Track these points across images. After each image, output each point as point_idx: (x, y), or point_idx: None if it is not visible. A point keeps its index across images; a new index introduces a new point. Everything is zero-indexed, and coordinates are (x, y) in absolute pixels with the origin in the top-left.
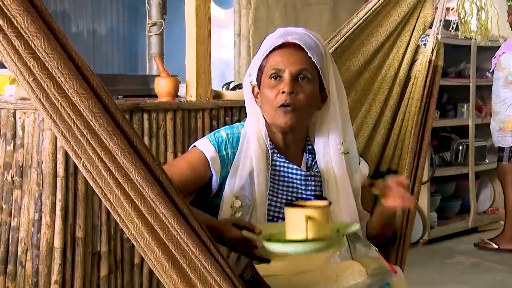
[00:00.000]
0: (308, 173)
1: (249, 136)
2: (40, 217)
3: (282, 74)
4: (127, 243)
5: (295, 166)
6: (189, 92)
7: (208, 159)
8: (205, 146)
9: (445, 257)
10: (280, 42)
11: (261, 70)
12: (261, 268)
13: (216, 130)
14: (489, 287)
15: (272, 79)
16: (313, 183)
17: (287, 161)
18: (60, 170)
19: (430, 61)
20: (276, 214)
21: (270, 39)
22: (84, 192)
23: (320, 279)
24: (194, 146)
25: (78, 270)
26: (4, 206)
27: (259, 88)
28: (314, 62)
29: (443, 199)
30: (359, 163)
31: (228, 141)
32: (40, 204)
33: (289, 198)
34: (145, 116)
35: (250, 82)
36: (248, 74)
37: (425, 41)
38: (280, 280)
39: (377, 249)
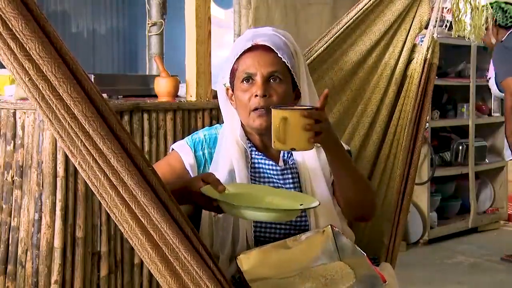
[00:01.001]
0: (284, 167)
1: (226, 137)
2: (40, 217)
3: (254, 77)
4: (127, 243)
5: (271, 162)
6: (189, 92)
7: (185, 161)
8: (182, 148)
9: (445, 257)
10: (249, 45)
11: (233, 73)
12: (249, 272)
13: (195, 132)
14: (489, 287)
15: (245, 82)
16: (290, 176)
17: (265, 158)
18: (60, 170)
19: (425, 59)
20: None
21: (239, 42)
22: (84, 192)
23: (308, 283)
24: (172, 148)
25: (78, 270)
26: (4, 206)
27: (232, 90)
28: (284, 62)
29: (443, 199)
30: None
31: (205, 142)
32: (40, 204)
33: None
34: (145, 116)
35: (224, 85)
36: (221, 76)
37: (422, 39)
38: (268, 284)
39: (364, 253)
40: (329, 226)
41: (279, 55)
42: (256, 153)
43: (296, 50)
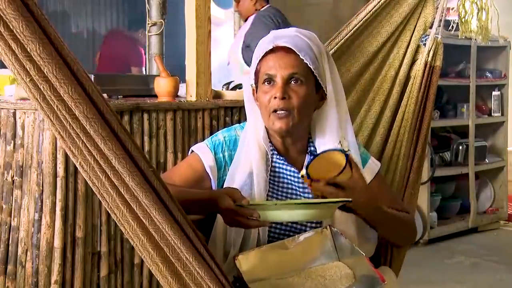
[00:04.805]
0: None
1: (249, 138)
2: (40, 217)
3: (275, 79)
4: (127, 243)
5: (293, 169)
6: (189, 92)
7: (205, 163)
8: (202, 150)
9: (445, 257)
10: (271, 47)
11: (256, 74)
12: (247, 273)
13: (214, 134)
14: (489, 287)
15: (266, 83)
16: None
17: (286, 163)
18: (60, 170)
19: (426, 63)
20: None
21: (262, 44)
22: (84, 192)
23: (307, 283)
24: (192, 151)
25: (78, 270)
26: (4, 206)
27: (257, 91)
28: (306, 63)
29: (443, 199)
30: (367, 161)
31: (225, 144)
32: (40, 204)
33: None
34: (145, 116)
35: (251, 85)
36: (248, 76)
37: (425, 41)
38: (267, 284)
39: (363, 254)
40: (328, 226)
41: (300, 56)
42: (278, 156)
43: (320, 52)
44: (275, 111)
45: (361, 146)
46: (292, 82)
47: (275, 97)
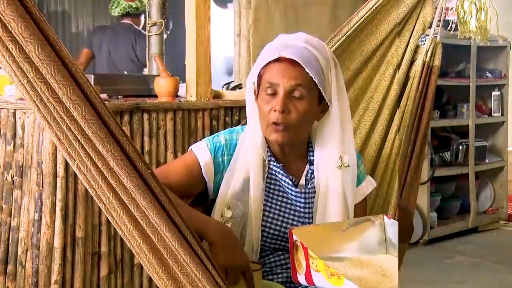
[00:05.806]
0: (303, 189)
1: (247, 142)
2: (40, 217)
3: (277, 89)
4: None
5: (288, 179)
6: (189, 92)
7: (202, 166)
8: (201, 151)
9: (445, 257)
10: (276, 57)
11: (259, 78)
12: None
13: (216, 134)
14: (489, 287)
15: (268, 91)
16: (306, 195)
17: (283, 172)
18: (60, 170)
19: (424, 62)
20: (268, 224)
21: (268, 50)
22: (84, 192)
23: (364, 270)
24: (191, 149)
25: (78, 270)
26: (4, 206)
27: (257, 95)
28: (312, 77)
29: (443, 199)
30: (361, 183)
31: (226, 147)
32: (40, 204)
33: (283, 209)
34: (145, 116)
35: (253, 83)
36: (251, 73)
37: (424, 40)
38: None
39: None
40: (383, 215)
41: (306, 70)
42: (275, 163)
43: (328, 64)
44: (273, 123)
45: (361, 165)
46: (294, 94)
47: (275, 110)
